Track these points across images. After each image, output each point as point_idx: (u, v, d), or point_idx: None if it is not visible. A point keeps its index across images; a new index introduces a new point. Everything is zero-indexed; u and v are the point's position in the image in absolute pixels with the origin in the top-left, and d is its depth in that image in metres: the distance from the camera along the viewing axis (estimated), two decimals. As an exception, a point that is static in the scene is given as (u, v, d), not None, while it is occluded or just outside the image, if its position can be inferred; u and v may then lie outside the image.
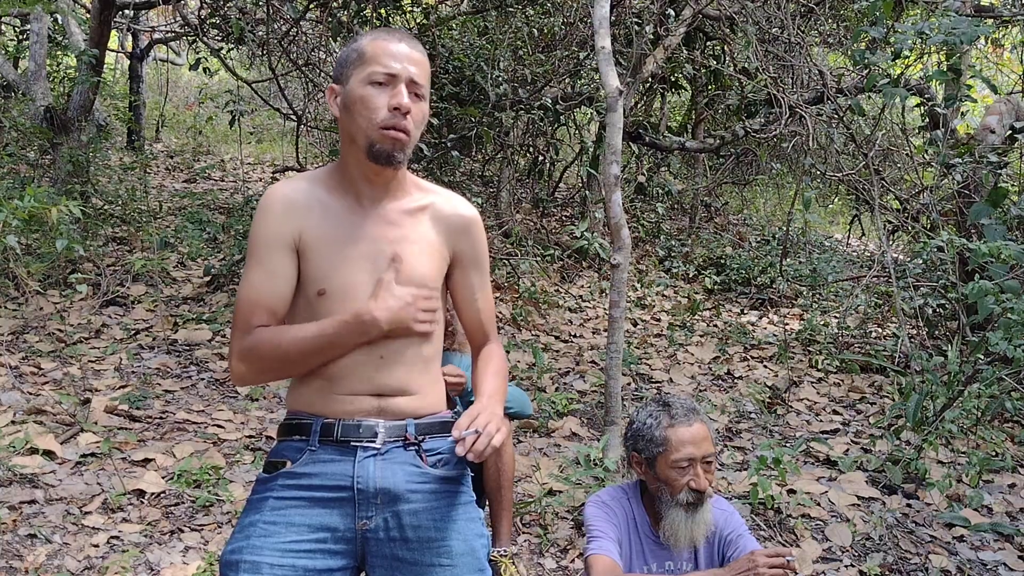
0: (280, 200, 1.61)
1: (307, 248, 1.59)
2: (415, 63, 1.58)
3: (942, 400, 4.31)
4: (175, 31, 10.53)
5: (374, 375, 1.59)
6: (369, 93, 1.56)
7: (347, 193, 1.63)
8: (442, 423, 1.66)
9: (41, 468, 3.37)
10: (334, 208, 1.61)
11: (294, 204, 1.61)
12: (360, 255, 1.59)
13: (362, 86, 1.57)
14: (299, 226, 1.59)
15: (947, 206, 6.16)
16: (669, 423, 2.09)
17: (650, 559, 2.12)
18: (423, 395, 1.64)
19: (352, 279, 1.58)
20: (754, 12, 6.35)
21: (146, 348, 4.90)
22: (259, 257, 1.59)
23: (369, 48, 1.58)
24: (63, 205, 4.35)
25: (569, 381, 5.18)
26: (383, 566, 1.57)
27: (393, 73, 1.56)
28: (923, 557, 3.32)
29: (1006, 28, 7.80)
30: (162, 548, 2.98)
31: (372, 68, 1.56)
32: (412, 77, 1.57)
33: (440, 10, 7.07)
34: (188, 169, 10.25)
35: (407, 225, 1.64)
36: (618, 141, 3.90)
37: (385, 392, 1.60)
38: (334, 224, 1.60)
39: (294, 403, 1.64)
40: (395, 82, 1.56)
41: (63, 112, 6.69)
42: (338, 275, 1.58)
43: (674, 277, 7.90)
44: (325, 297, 1.57)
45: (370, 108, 1.55)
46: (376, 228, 1.61)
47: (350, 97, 1.58)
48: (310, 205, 1.61)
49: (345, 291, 1.58)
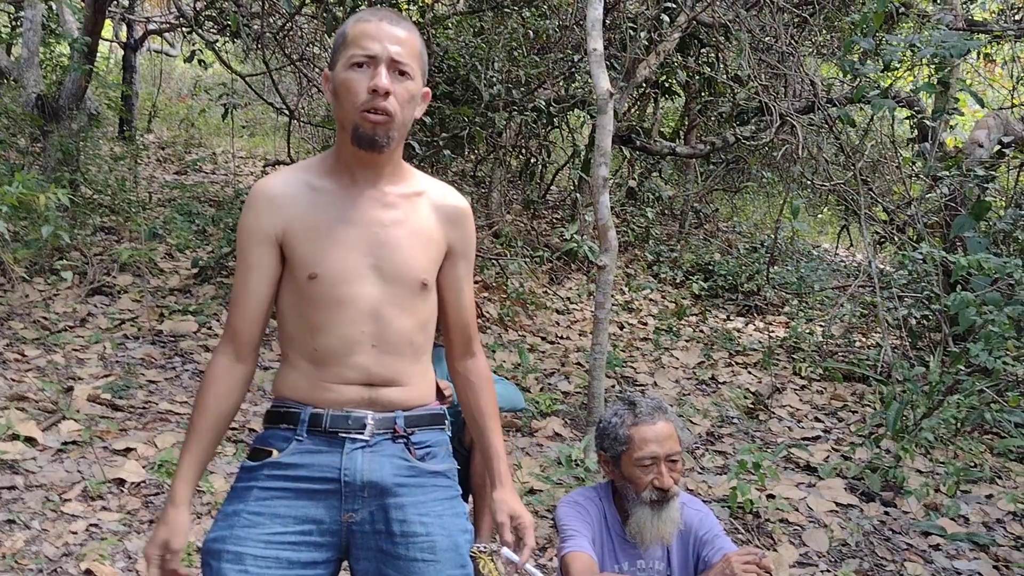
0: (262, 195, 1.60)
1: (294, 237, 1.57)
2: (397, 41, 1.55)
3: (922, 410, 4.35)
4: (170, 22, 10.50)
5: (366, 362, 1.57)
6: (351, 77, 1.54)
7: (341, 176, 1.61)
8: (431, 416, 1.66)
9: (22, 454, 3.36)
10: (326, 191, 1.59)
11: (277, 197, 1.59)
12: (352, 237, 1.57)
13: (344, 70, 1.55)
14: (283, 218, 1.58)
15: (934, 218, 6.21)
16: (633, 421, 2.10)
17: (621, 558, 2.13)
18: (413, 386, 1.63)
19: (344, 262, 1.56)
20: (748, 20, 6.39)
21: (131, 338, 4.89)
22: (243, 254, 1.60)
23: (350, 31, 1.57)
24: (51, 192, 4.34)
25: (554, 382, 5.20)
26: (368, 558, 1.57)
27: (372, 54, 1.53)
28: (899, 564, 3.35)
29: (998, 44, 7.87)
30: (140, 537, 2.98)
31: (352, 51, 1.54)
32: (393, 56, 1.53)
33: (436, 9, 7.09)
34: (179, 161, 10.21)
35: (403, 208, 1.62)
36: (607, 143, 3.92)
37: (376, 381, 1.58)
38: (324, 207, 1.58)
39: (282, 388, 1.62)
40: (374, 63, 1.53)
41: (55, 100, 6.65)
42: (329, 258, 1.56)
43: (662, 282, 7.94)
44: (316, 281, 1.55)
45: (352, 92, 1.53)
46: (370, 210, 1.59)
47: (336, 82, 1.57)
48: (296, 193, 1.59)
49: (336, 274, 1.56)
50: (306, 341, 1.59)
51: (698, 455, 4.31)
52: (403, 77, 1.55)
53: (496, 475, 1.69)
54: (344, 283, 1.56)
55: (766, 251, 8.30)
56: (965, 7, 6.86)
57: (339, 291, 1.56)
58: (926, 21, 6.08)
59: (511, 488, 1.69)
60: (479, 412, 1.74)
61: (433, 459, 1.63)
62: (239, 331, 1.61)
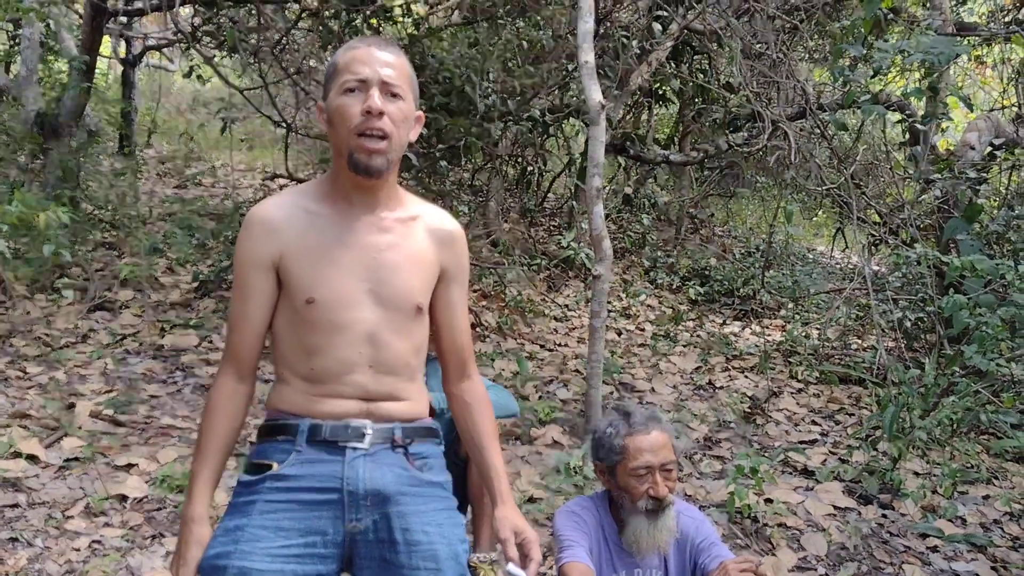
0: (258, 221, 1.62)
1: (291, 261, 1.60)
2: (386, 65, 1.58)
3: (918, 412, 4.37)
4: (168, 38, 10.55)
5: (363, 381, 1.60)
6: (344, 102, 1.57)
7: (337, 201, 1.63)
8: (428, 429, 1.69)
9: (24, 472, 3.39)
10: (323, 216, 1.62)
11: (273, 222, 1.62)
12: (350, 262, 1.60)
13: (337, 96, 1.58)
14: (279, 243, 1.60)
15: (927, 221, 6.25)
16: (627, 431, 2.13)
17: (619, 567, 2.16)
18: (410, 401, 1.66)
19: (341, 287, 1.58)
20: (739, 28, 6.44)
21: (132, 353, 4.92)
22: (239, 279, 1.63)
23: (341, 60, 1.61)
24: (52, 210, 4.38)
25: (552, 390, 5.22)
26: (371, 568, 1.58)
27: (363, 78, 1.56)
28: (897, 567, 3.37)
29: (988, 46, 7.92)
30: (143, 553, 3.00)
31: (344, 77, 1.58)
32: (384, 79, 1.57)
33: (430, 21, 7.13)
34: (179, 175, 10.25)
35: (399, 233, 1.65)
36: (600, 154, 3.96)
37: (373, 397, 1.61)
38: (321, 231, 1.61)
39: (277, 403, 1.64)
40: (366, 87, 1.57)
41: (54, 117, 6.70)
42: (326, 283, 1.58)
43: (659, 287, 7.97)
44: (314, 305, 1.58)
45: (345, 116, 1.56)
46: (367, 235, 1.62)
47: (330, 110, 1.60)
48: (292, 217, 1.61)
49: (333, 299, 1.58)
50: (302, 362, 1.61)
51: (696, 460, 4.34)
52: (395, 99, 1.58)
53: (497, 493, 1.70)
54: (342, 308, 1.58)
55: (761, 255, 8.33)
56: (954, 11, 6.91)
57: (337, 316, 1.58)
58: (915, 26, 6.13)
59: (512, 505, 1.71)
60: (477, 433, 1.75)
61: (430, 470, 1.66)
62: (239, 354, 1.64)
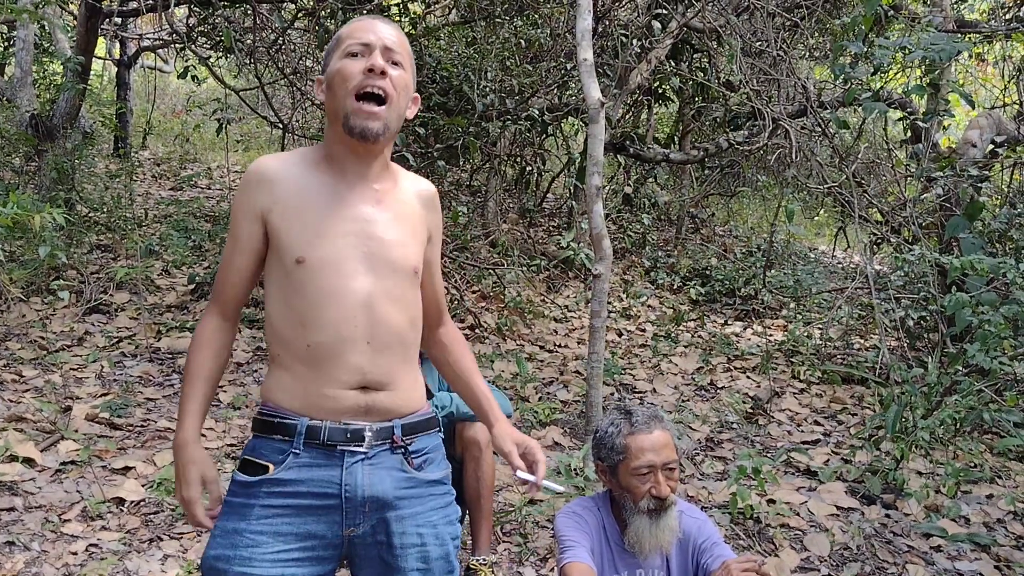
0: (254, 172, 1.64)
1: (279, 217, 1.60)
2: (389, 35, 1.63)
3: (921, 411, 4.34)
4: (163, 39, 10.52)
5: (360, 362, 1.57)
6: (345, 64, 1.60)
7: (330, 167, 1.65)
8: (426, 420, 1.68)
9: (21, 475, 3.36)
10: (314, 180, 1.63)
11: (267, 174, 1.63)
12: (342, 229, 1.60)
13: (339, 61, 1.61)
14: (270, 197, 1.62)
15: (929, 219, 6.22)
16: (629, 431, 2.11)
17: (621, 567, 2.13)
18: (406, 389, 1.64)
19: (334, 252, 1.58)
20: (739, 26, 6.42)
21: (128, 356, 4.89)
22: (231, 227, 1.66)
23: (344, 31, 1.65)
24: (47, 212, 4.34)
25: (553, 391, 5.19)
26: (369, 567, 1.61)
27: (366, 42, 1.61)
28: (900, 567, 3.35)
29: (989, 43, 7.90)
30: (141, 556, 2.97)
31: (347, 43, 1.62)
32: (387, 44, 1.61)
33: (428, 20, 7.11)
34: (174, 177, 10.21)
35: (391, 201, 1.66)
36: (599, 153, 3.93)
37: (371, 385, 1.58)
38: (313, 195, 1.61)
39: (274, 394, 1.60)
40: (369, 50, 1.60)
41: (49, 119, 6.67)
42: (318, 246, 1.58)
43: (659, 288, 7.93)
44: (304, 266, 1.57)
45: (346, 77, 1.59)
46: (361, 204, 1.63)
47: (330, 76, 1.63)
48: (285, 175, 1.63)
49: (325, 263, 1.58)
50: (298, 337, 1.58)
51: (698, 461, 4.31)
52: (396, 66, 1.62)
53: (490, 414, 1.79)
54: (335, 273, 1.58)
55: (763, 255, 8.30)
56: (955, 8, 6.89)
57: (330, 281, 1.57)
58: (916, 23, 6.10)
59: (507, 422, 1.79)
60: (460, 368, 1.84)
61: (431, 465, 1.67)
62: (224, 296, 1.68)
